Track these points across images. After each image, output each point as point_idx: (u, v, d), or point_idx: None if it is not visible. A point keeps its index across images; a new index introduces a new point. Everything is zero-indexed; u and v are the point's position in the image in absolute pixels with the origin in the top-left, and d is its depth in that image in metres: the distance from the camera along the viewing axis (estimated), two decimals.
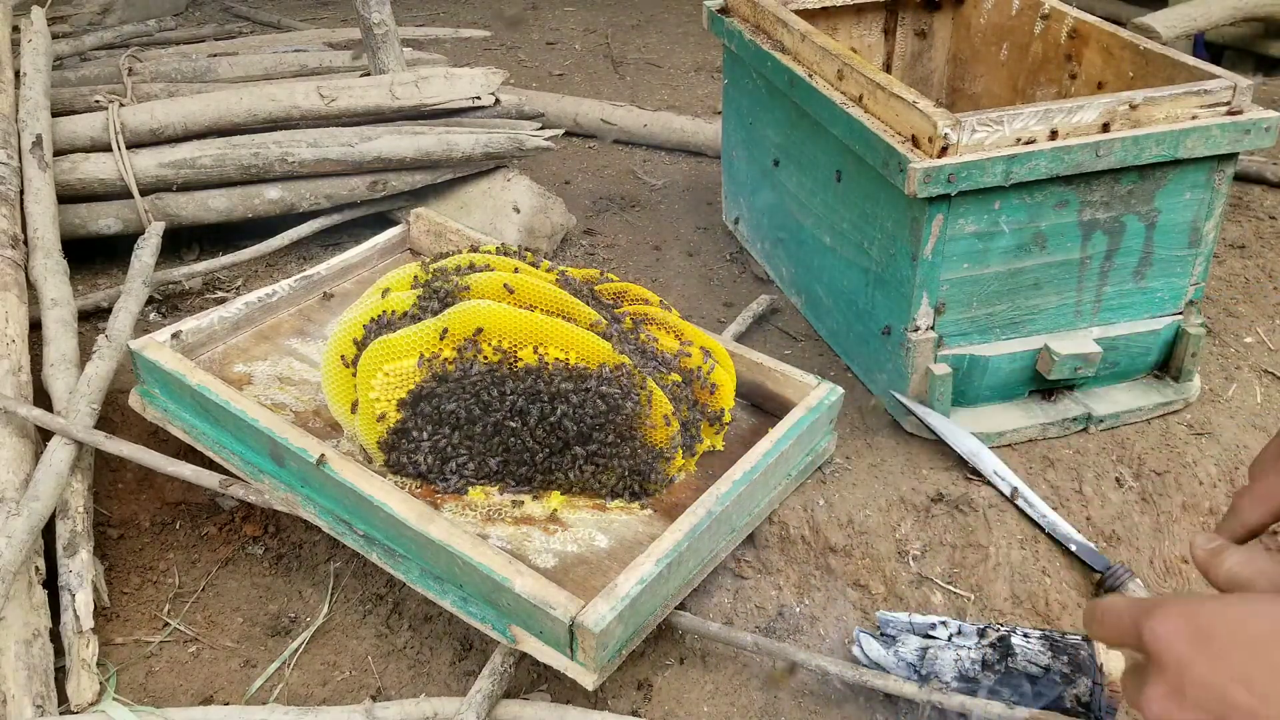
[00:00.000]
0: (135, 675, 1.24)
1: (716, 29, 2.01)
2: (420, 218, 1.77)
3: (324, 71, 2.51)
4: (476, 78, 2.12)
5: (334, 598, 1.35)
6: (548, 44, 3.57)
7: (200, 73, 2.47)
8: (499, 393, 1.27)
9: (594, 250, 2.21)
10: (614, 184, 2.53)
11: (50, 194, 1.83)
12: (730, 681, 1.23)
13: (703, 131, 2.63)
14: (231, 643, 1.29)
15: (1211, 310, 1.89)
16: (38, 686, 1.13)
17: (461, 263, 1.40)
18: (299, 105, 2.02)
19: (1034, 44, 1.88)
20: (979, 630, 1.21)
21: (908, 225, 1.46)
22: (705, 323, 1.92)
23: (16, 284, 1.59)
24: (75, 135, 1.97)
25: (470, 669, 1.25)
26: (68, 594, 1.22)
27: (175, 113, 2.00)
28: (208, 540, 1.43)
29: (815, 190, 1.75)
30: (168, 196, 1.99)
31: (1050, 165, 1.40)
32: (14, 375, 1.44)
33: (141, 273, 1.77)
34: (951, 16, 2.10)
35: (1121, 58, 1.68)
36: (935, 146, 1.37)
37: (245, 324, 1.56)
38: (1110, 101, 1.43)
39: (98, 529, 1.39)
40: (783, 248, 1.96)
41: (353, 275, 1.71)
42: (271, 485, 1.31)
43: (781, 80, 1.75)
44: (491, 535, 1.24)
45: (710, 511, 1.20)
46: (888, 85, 1.49)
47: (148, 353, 1.40)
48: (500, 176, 2.13)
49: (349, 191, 2.06)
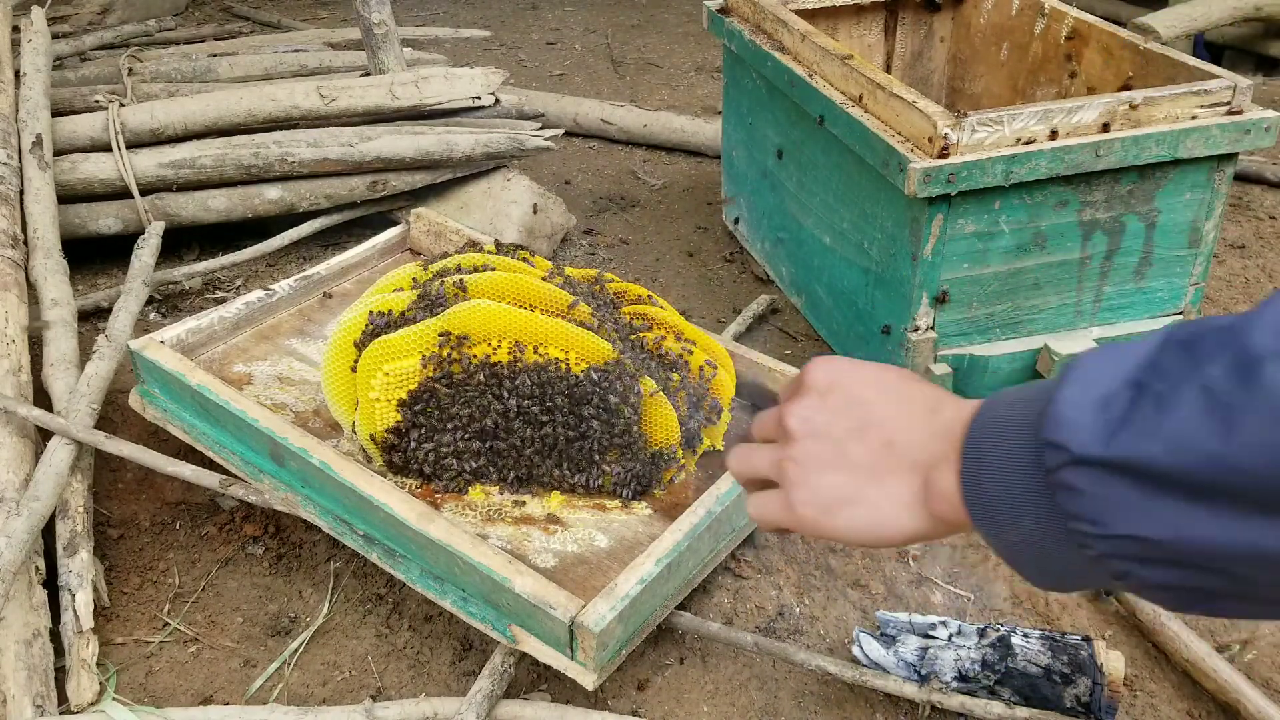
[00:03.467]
0: (135, 675, 1.24)
1: (716, 29, 2.01)
2: (420, 218, 1.77)
3: (324, 71, 2.51)
4: (476, 78, 2.11)
5: (334, 598, 1.35)
6: (548, 44, 3.57)
7: (200, 73, 2.47)
8: (498, 393, 1.27)
9: (594, 250, 2.21)
10: (614, 184, 2.53)
11: (50, 194, 1.83)
12: (730, 681, 1.23)
13: (703, 131, 2.63)
14: (231, 643, 1.29)
15: (1211, 310, 1.89)
16: (38, 686, 1.13)
17: (462, 263, 1.40)
18: (299, 105, 2.02)
19: (1034, 44, 1.88)
20: (979, 630, 1.21)
21: (908, 225, 1.46)
22: (705, 323, 1.92)
23: (16, 284, 1.59)
24: (75, 135, 1.97)
25: (470, 669, 1.25)
26: (68, 594, 1.22)
27: (175, 113, 2.00)
28: (208, 540, 1.43)
29: (815, 190, 1.75)
30: (168, 196, 1.99)
31: (1050, 165, 1.40)
32: (14, 375, 1.44)
33: (141, 273, 1.77)
34: (951, 16, 2.10)
35: (1121, 58, 1.68)
36: (935, 146, 1.37)
37: (245, 324, 1.56)
38: (1110, 101, 1.43)
39: (98, 529, 1.39)
40: (783, 248, 1.96)
41: (353, 275, 1.71)
42: (271, 485, 1.31)
43: (781, 80, 1.75)
44: (491, 535, 1.24)
45: (710, 511, 1.20)
46: (888, 85, 1.49)
47: (148, 353, 1.40)
48: (500, 176, 2.13)
49: (349, 191, 2.06)
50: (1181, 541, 0.51)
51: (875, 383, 0.70)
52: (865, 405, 0.68)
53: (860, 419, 0.68)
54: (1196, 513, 0.50)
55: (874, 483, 0.67)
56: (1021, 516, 0.56)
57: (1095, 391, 0.53)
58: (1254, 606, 0.54)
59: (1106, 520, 0.52)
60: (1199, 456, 0.49)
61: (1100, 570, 0.55)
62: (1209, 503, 0.50)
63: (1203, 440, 0.48)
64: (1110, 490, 0.52)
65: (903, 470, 0.66)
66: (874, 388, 0.69)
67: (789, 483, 0.71)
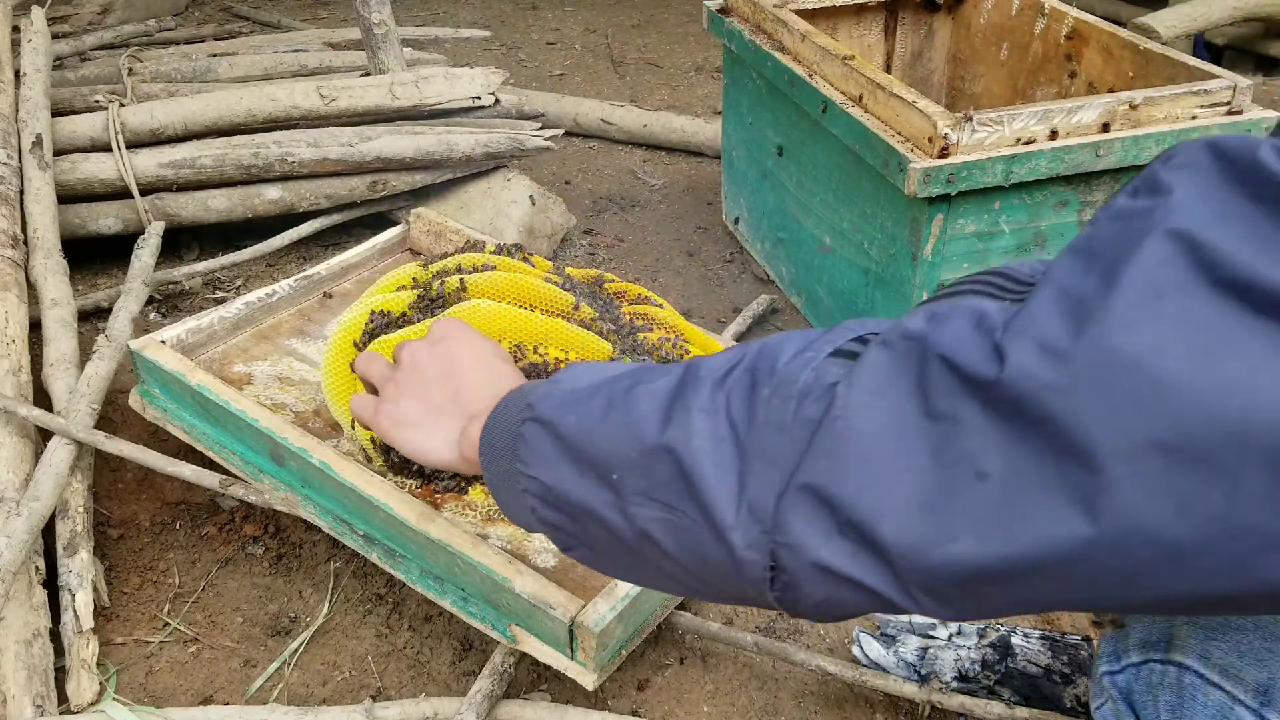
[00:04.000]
0: (135, 675, 1.24)
1: (716, 29, 2.01)
2: (420, 218, 1.77)
3: (324, 71, 2.51)
4: (476, 78, 2.11)
5: (334, 598, 1.35)
6: (548, 44, 3.57)
7: (200, 73, 2.47)
8: None
9: (594, 250, 2.21)
10: (614, 184, 2.53)
11: (50, 194, 1.83)
12: (730, 681, 1.23)
13: (703, 131, 2.63)
14: (231, 643, 1.29)
15: None
16: (38, 686, 1.13)
17: (463, 263, 1.40)
18: (299, 105, 2.02)
19: (1034, 44, 1.88)
20: (979, 630, 1.21)
21: (908, 225, 1.46)
22: (705, 323, 1.92)
23: (16, 284, 1.59)
24: (75, 135, 1.97)
25: (470, 669, 1.25)
26: (68, 594, 1.22)
27: (175, 113, 2.00)
28: (208, 540, 1.43)
29: (815, 190, 1.75)
30: (168, 196, 1.99)
31: (1050, 165, 1.40)
32: (14, 375, 1.44)
33: (141, 273, 1.77)
34: (951, 16, 2.10)
35: (1121, 58, 1.68)
36: (935, 146, 1.37)
37: (245, 324, 1.56)
38: (1110, 101, 1.43)
39: (98, 529, 1.39)
40: (783, 248, 1.96)
41: (353, 275, 1.71)
42: (271, 485, 1.31)
43: (781, 80, 1.75)
44: (491, 535, 1.24)
45: None
46: (888, 85, 1.49)
47: (148, 353, 1.40)
48: (500, 176, 2.13)
49: (349, 191, 2.06)
50: (560, 488, 0.68)
51: (471, 348, 0.90)
52: (456, 362, 0.89)
53: (448, 370, 0.89)
54: (571, 470, 0.67)
55: (435, 419, 0.87)
56: (502, 457, 0.74)
57: (579, 382, 0.70)
58: (594, 556, 0.71)
59: (530, 463, 0.70)
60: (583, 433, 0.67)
61: (524, 503, 0.72)
62: (577, 465, 0.67)
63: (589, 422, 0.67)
64: (541, 443, 0.69)
65: (456, 417, 0.85)
66: (469, 351, 0.90)
67: (384, 396, 0.92)
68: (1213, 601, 0.48)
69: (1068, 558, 0.47)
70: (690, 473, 0.59)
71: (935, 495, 0.51)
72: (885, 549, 0.52)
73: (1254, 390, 0.42)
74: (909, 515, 0.51)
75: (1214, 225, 0.45)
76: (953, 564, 0.50)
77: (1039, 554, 0.48)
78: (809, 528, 0.55)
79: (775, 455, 0.56)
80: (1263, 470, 0.43)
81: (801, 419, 0.56)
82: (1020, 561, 0.49)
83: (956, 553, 0.50)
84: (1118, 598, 0.49)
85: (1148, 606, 0.50)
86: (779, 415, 0.57)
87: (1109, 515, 0.46)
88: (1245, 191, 0.46)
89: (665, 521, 0.62)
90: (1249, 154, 0.46)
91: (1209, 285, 0.44)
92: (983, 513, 0.49)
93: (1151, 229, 0.47)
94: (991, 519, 0.49)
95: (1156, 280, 0.45)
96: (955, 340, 0.51)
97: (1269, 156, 0.45)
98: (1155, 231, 0.46)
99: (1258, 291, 0.43)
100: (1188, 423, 0.44)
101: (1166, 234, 0.46)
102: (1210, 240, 0.45)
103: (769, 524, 0.56)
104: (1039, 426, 0.47)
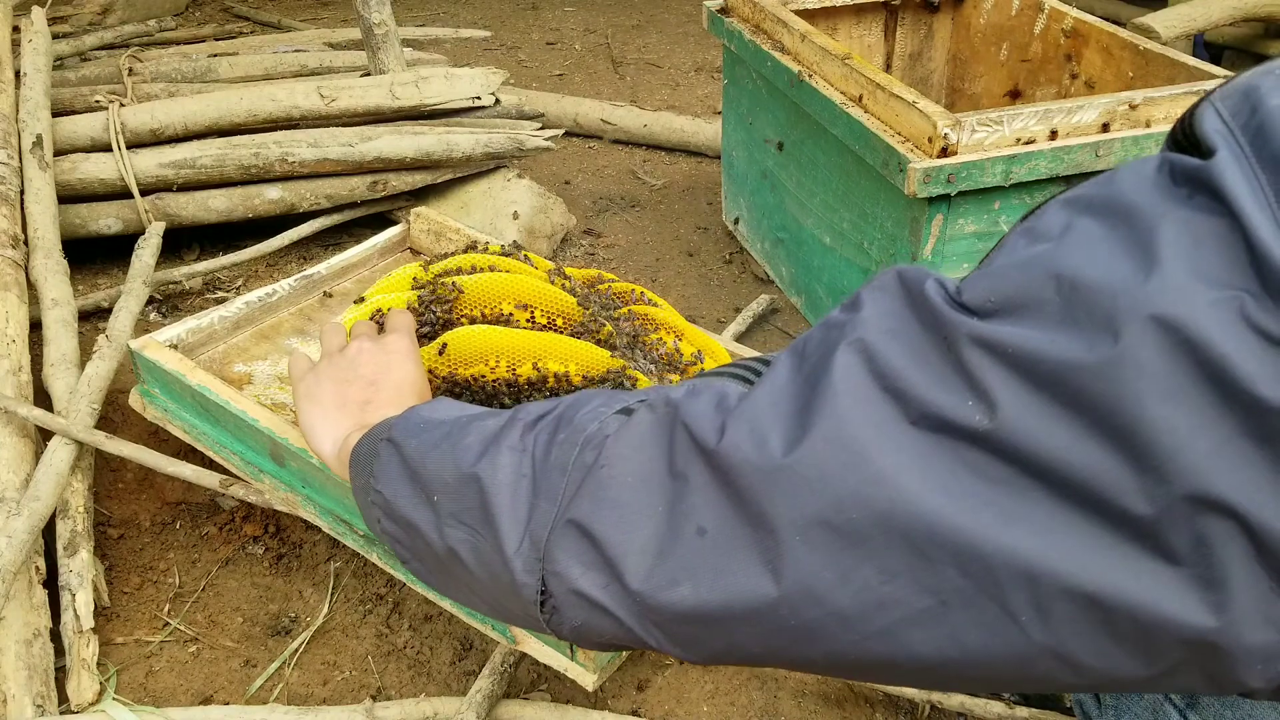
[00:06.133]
0: (135, 675, 1.24)
1: (716, 29, 2.01)
2: (420, 217, 1.77)
3: (324, 71, 2.51)
4: (476, 78, 2.12)
5: (334, 598, 1.35)
6: (548, 44, 3.57)
7: (200, 73, 2.47)
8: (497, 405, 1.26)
9: (594, 250, 2.21)
10: (614, 184, 2.53)
11: (50, 194, 1.83)
12: (730, 681, 1.23)
13: (703, 131, 2.63)
14: (231, 643, 1.29)
15: None
16: (38, 686, 1.13)
17: (463, 263, 1.40)
18: (299, 105, 2.02)
19: (1034, 44, 1.88)
20: None
21: (908, 225, 1.46)
22: (705, 323, 1.92)
23: (17, 284, 1.59)
24: (75, 135, 1.97)
25: (470, 669, 1.25)
26: (68, 594, 1.22)
27: (175, 113, 2.00)
28: (208, 540, 1.43)
29: (815, 190, 1.76)
30: (168, 196, 1.99)
31: (1050, 165, 1.40)
32: (14, 375, 1.44)
33: (142, 273, 1.77)
34: (951, 16, 2.10)
35: (1121, 58, 1.68)
36: (935, 147, 1.38)
37: (245, 324, 1.56)
38: (1110, 101, 1.43)
39: (98, 529, 1.39)
40: (782, 248, 1.96)
41: (353, 275, 1.71)
42: (272, 485, 1.31)
43: (781, 80, 1.75)
44: None
45: None
46: (888, 85, 1.49)
47: (148, 353, 1.40)
48: (500, 176, 2.13)
49: (349, 191, 2.06)
50: (396, 503, 0.74)
51: (404, 362, 0.98)
52: (385, 370, 0.96)
53: (374, 374, 0.95)
54: (408, 489, 0.74)
55: (338, 411, 0.94)
56: (363, 470, 0.80)
57: (435, 414, 0.78)
58: (424, 570, 0.76)
59: (379, 477, 0.77)
60: (419, 456, 0.74)
61: (373, 514, 0.78)
62: (413, 484, 0.73)
63: (426, 447, 0.74)
64: (390, 461, 0.76)
65: (352, 420, 0.92)
66: (402, 362, 0.97)
67: (317, 369, 0.99)
68: (879, 667, 0.55)
69: (759, 611, 0.55)
70: (490, 501, 0.66)
71: (666, 543, 0.58)
72: (627, 584, 0.59)
73: (897, 486, 0.49)
74: (646, 557, 0.59)
75: (887, 340, 0.53)
76: (675, 605, 0.58)
77: (739, 606, 0.55)
78: (571, 559, 0.62)
79: (554, 492, 0.64)
80: (903, 552, 0.49)
81: (579, 463, 0.64)
82: (725, 610, 0.56)
83: (679, 596, 0.57)
84: (805, 654, 0.56)
85: (832, 666, 0.57)
86: (564, 458, 0.65)
87: (788, 579, 0.53)
88: (916, 316, 0.53)
89: (470, 543, 0.68)
90: (919, 284, 0.53)
91: (879, 391, 0.52)
92: (699, 563, 0.56)
93: (842, 339, 0.54)
94: (705, 569, 0.56)
95: (838, 384, 0.53)
96: (698, 412, 0.59)
97: (932, 287, 0.52)
98: (844, 341, 0.54)
99: (912, 403, 0.50)
100: (846, 506, 0.51)
101: (850, 344, 0.54)
102: (882, 353, 0.52)
103: (541, 552, 0.64)
104: (741, 495, 0.55)
